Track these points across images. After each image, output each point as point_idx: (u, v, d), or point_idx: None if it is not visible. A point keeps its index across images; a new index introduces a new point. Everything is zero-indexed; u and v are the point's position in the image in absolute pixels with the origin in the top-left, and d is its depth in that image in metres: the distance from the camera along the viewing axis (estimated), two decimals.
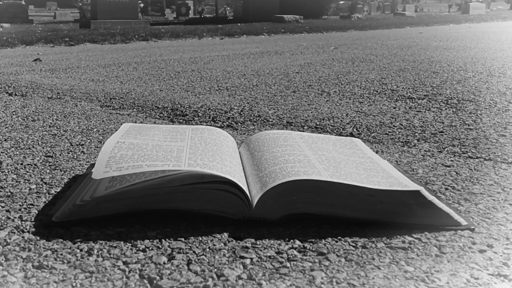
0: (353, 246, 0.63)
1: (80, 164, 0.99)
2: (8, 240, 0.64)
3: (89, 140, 1.19)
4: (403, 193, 0.68)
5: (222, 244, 0.63)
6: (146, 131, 0.89)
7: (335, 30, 7.75)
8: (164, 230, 0.67)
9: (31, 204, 0.77)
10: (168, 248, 0.62)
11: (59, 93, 1.95)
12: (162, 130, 0.90)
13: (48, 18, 16.32)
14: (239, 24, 9.58)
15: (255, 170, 0.77)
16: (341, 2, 17.56)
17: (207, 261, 0.59)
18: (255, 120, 1.43)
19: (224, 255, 0.60)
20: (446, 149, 1.09)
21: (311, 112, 1.52)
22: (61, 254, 0.60)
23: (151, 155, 0.75)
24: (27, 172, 0.94)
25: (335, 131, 1.28)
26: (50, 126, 1.36)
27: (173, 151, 0.77)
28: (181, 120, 1.45)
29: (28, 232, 0.67)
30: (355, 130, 1.29)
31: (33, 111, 1.58)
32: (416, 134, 1.23)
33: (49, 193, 0.82)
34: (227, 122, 1.41)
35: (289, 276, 0.55)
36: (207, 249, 0.62)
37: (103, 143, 1.15)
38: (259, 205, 0.68)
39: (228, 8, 15.22)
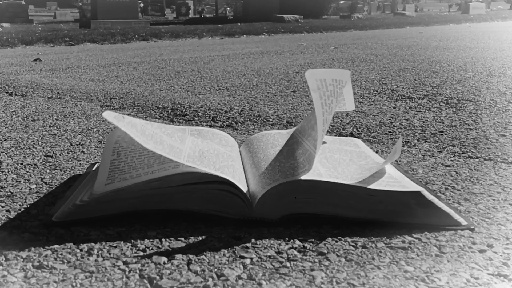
0: (353, 246, 0.63)
1: (80, 164, 0.99)
2: (8, 240, 0.64)
3: (89, 140, 1.19)
4: (403, 193, 0.68)
5: (222, 244, 0.63)
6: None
7: (335, 30, 7.75)
8: (164, 230, 0.67)
9: (31, 204, 0.77)
10: (168, 248, 0.62)
11: (59, 93, 1.95)
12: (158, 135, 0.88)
13: (48, 18, 16.32)
14: (239, 24, 9.57)
15: (255, 170, 0.77)
16: (341, 2, 17.55)
17: (207, 261, 0.59)
18: (255, 120, 1.43)
19: (224, 255, 0.60)
20: (446, 149, 1.09)
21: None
22: (61, 254, 0.60)
23: (150, 154, 0.74)
24: (27, 172, 0.94)
25: (335, 131, 1.28)
26: (50, 126, 1.36)
27: (173, 148, 0.76)
28: (181, 120, 1.45)
29: (28, 232, 0.67)
30: (355, 130, 1.29)
31: (33, 111, 1.58)
32: (416, 134, 1.23)
33: (49, 193, 0.82)
34: (227, 122, 1.41)
35: (289, 276, 0.55)
36: (207, 249, 0.62)
37: (103, 148, 1.15)
38: (259, 205, 0.68)
39: (228, 8, 15.23)
